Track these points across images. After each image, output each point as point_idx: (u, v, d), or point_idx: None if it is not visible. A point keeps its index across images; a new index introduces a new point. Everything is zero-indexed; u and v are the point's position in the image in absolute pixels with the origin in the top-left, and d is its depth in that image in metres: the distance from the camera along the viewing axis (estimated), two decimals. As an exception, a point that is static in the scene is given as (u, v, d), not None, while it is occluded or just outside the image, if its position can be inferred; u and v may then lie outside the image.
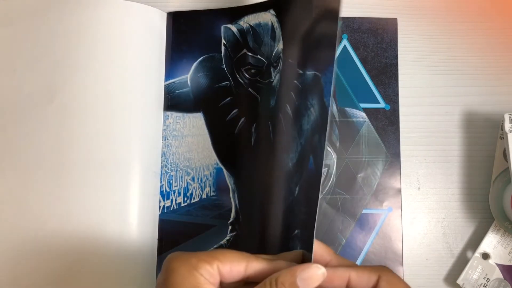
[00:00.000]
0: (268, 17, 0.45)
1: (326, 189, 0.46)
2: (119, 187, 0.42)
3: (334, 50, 0.31)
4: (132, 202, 0.42)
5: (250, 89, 0.45)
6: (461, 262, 0.46)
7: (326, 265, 0.30)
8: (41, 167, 0.41)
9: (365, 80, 0.48)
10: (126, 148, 0.43)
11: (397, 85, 0.48)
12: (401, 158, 0.47)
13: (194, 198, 0.46)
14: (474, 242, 0.47)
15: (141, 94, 0.44)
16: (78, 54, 0.42)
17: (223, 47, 0.47)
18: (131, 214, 0.42)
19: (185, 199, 0.46)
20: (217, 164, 0.46)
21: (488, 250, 0.45)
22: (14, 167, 0.41)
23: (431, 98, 0.49)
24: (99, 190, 0.41)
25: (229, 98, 0.46)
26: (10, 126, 0.41)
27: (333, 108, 0.47)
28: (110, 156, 0.42)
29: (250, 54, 0.45)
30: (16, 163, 0.41)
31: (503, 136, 0.43)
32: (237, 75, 0.46)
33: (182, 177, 0.46)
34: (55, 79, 0.42)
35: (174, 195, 0.46)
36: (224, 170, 0.46)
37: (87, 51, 0.42)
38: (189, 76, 0.47)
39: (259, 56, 0.45)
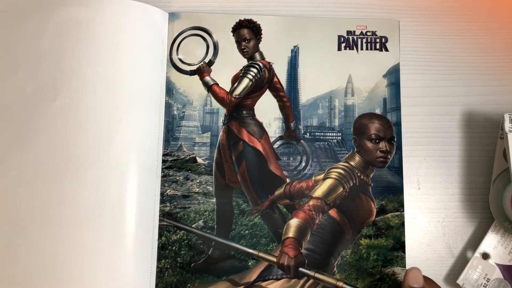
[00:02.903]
0: None
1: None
2: (117, 186, 0.42)
3: None
4: (130, 202, 0.42)
5: None
6: (461, 262, 0.46)
7: None
8: (43, 165, 0.41)
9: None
10: (126, 147, 0.43)
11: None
12: (401, 158, 0.47)
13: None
14: (474, 242, 0.47)
15: (142, 93, 0.45)
16: (80, 53, 0.42)
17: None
18: (127, 215, 0.42)
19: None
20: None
21: (488, 250, 0.45)
22: (16, 165, 0.41)
23: (431, 98, 0.49)
24: (98, 189, 0.41)
25: None
26: (13, 124, 0.41)
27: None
28: (109, 154, 0.42)
29: None
30: (17, 161, 0.41)
31: (503, 136, 0.43)
32: None
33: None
34: (58, 78, 0.42)
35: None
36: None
37: (90, 50, 0.43)
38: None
39: None
